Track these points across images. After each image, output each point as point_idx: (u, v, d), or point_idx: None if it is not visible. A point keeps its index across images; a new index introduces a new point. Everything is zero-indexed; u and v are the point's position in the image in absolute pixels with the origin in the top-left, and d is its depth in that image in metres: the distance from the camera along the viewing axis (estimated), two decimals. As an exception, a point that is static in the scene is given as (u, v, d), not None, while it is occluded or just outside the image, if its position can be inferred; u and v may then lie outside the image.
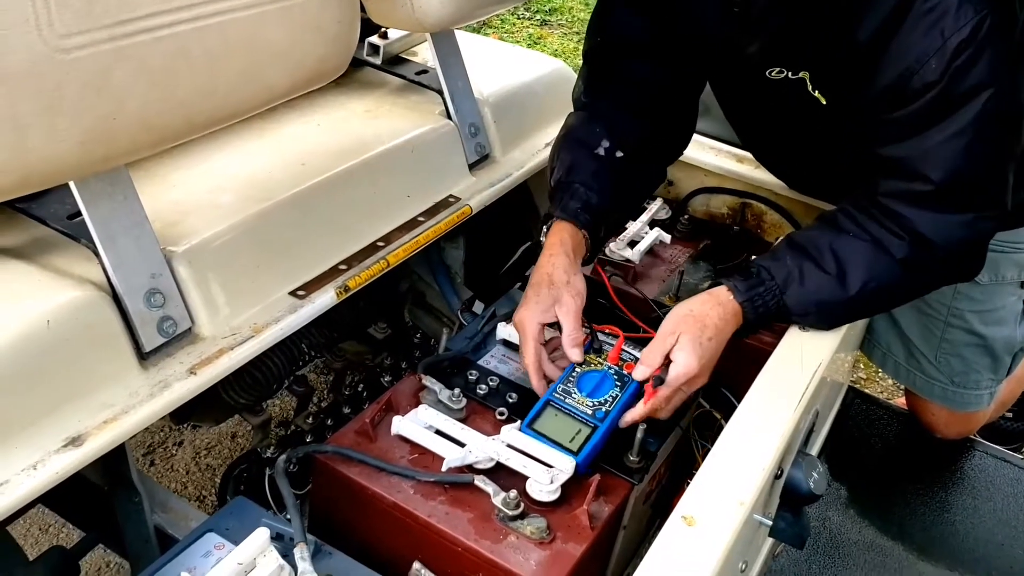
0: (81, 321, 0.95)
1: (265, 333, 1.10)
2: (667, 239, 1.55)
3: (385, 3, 1.30)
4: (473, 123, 1.50)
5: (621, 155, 1.29)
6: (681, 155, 1.48)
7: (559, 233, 1.23)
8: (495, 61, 1.71)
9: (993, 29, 1.02)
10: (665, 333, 1.11)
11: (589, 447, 1.06)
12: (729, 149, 1.67)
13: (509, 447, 1.06)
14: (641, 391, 1.12)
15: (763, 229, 1.65)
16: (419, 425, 1.08)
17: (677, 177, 1.71)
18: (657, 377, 1.11)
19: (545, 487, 1.01)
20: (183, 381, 1.01)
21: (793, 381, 1.10)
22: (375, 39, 1.60)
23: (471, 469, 1.04)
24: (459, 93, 1.49)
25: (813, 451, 1.23)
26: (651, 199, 1.66)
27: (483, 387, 1.18)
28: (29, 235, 1.07)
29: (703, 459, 0.99)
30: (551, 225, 1.25)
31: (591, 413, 1.10)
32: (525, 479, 1.03)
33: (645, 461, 1.10)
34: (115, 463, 1.07)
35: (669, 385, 1.09)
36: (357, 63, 1.61)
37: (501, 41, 2.14)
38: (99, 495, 1.15)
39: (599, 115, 1.33)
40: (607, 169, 1.28)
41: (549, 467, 1.03)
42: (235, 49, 0.96)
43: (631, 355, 1.19)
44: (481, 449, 1.05)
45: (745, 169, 1.63)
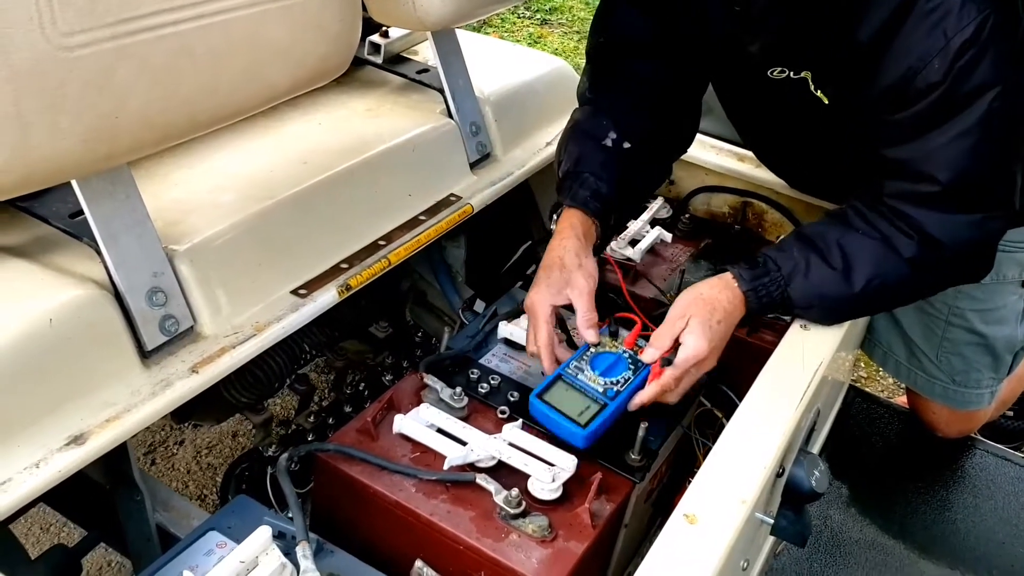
0: (83, 320, 0.95)
1: (267, 332, 1.10)
2: (668, 238, 1.55)
3: (386, 2, 1.30)
4: (474, 122, 1.50)
5: (628, 146, 1.30)
6: (685, 152, 1.48)
7: (569, 219, 1.23)
8: (496, 60, 1.71)
9: (996, 28, 1.01)
10: (675, 316, 1.11)
11: (597, 422, 1.06)
12: (730, 148, 1.67)
13: (511, 445, 1.06)
14: (645, 374, 1.11)
15: (764, 228, 1.65)
16: (421, 424, 1.09)
17: (678, 176, 1.71)
18: (666, 359, 1.10)
19: (547, 485, 1.01)
20: (185, 380, 1.01)
21: (794, 380, 1.11)
22: (376, 38, 1.60)
23: (473, 468, 1.04)
24: (460, 92, 1.49)
25: (814, 450, 1.23)
26: (652, 198, 1.66)
27: (484, 386, 1.18)
28: (31, 234, 1.07)
29: (704, 457, 0.99)
30: (561, 212, 1.25)
31: (602, 391, 1.09)
32: (527, 477, 1.03)
33: (646, 459, 1.10)
34: (117, 462, 1.07)
35: (678, 366, 1.09)
36: (358, 62, 1.61)
37: (502, 40, 2.13)
38: (101, 494, 1.15)
39: (605, 108, 1.33)
40: (615, 159, 1.28)
41: (551, 465, 1.03)
42: (237, 48, 0.96)
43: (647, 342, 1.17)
44: (483, 448, 1.05)
45: (746, 168, 1.63)
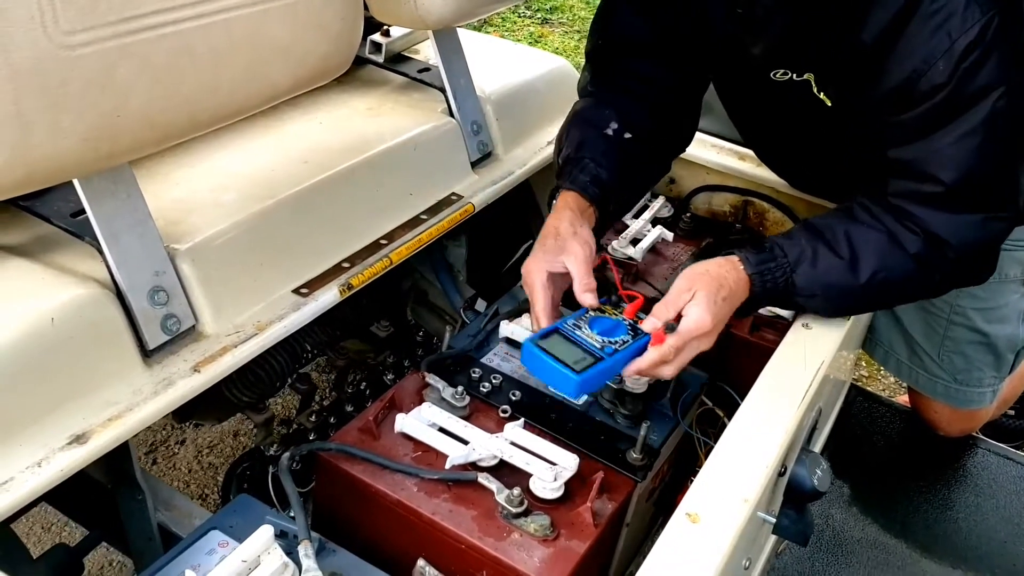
0: (85, 319, 0.95)
1: (268, 331, 1.10)
2: (669, 237, 1.55)
3: (388, 1, 1.30)
4: (475, 121, 1.50)
5: (629, 136, 1.29)
6: (683, 151, 1.48)
7: (565, 198, 1.22)
8: (497, 59, 1.70)
9: (1001, 29, 1.01)
10: (681, 289, 1.09)
11: (592, 372, 1.03)
12: (731, 147, 1.67)
13: (512, 445, 1.06)
14: (646, 346, 1.08)
15: (765, 227, 1.65)
16: (422, 423, 1.09)
17: (679, 175, 1.71)
18: (670, 325, 1.07)
19: (548, 484, 1.01)
20: (187, 379, 1.01)
21: (796, 379, 1.11)
22: (377, 37, 1.60)
23: (474, 467, 1.04)
24: (461, 91, 1.49)
25: (816, 448, 1.23)
26: (653, 197, 1.66)
27: (486, 385, 1.18)
28: (33, 233, 1.07)
29: (706, 456, 0.99)
30: (557, 194, 1.24)
31: (599, 347, 1.06)
32: (528, 476, 1.03)
33: (648, 458, 1.10)
34: (119, 461, 1.07)
35: (681, 335, 1.06)
36: (359, 61, 1.61)
37: (503, 39, 2.13)
38: (103, 493, 1.15)
39: (607, 100, 1.33)
40: (616, 148, 1.28)
41: (552, 464, 1.03)
42: (239, 46, 0.96)
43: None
44: (484, 447, 1.05)
45: (747, 167, 1.63)
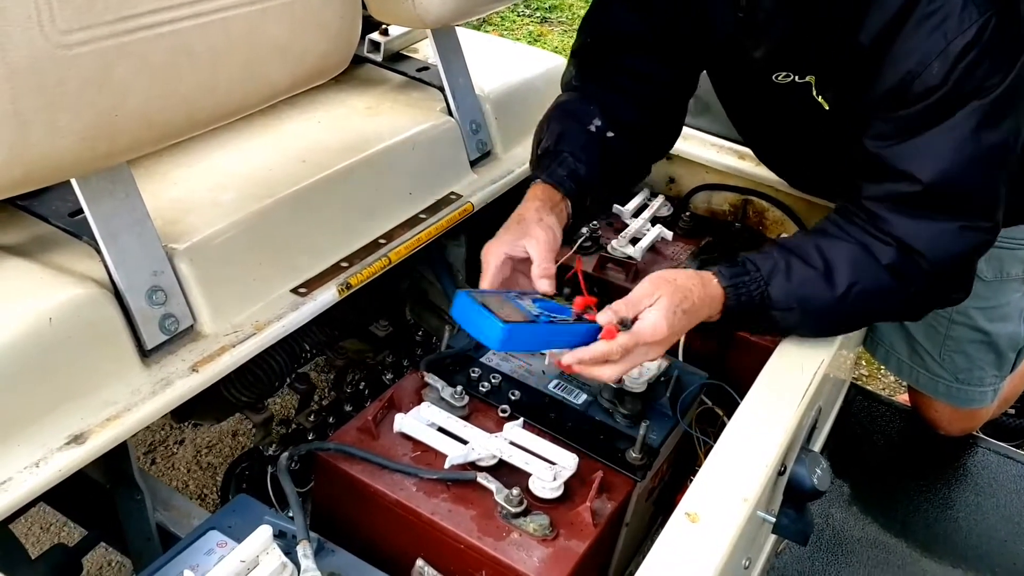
0: (83, 319, 0.95)
1: (267, 331, 1.10)
2: (669, 236, 1.54)
3: (386, 0, 1.30)
4: (474, 120, 1.50)
5: (612, 135, 1.28)
6: (665, 155, 1.46)
7: (535, 190, 1.20)
8: (496, 58, 1.70)
9: (997, 31, 0.99)
10: (645, 291, 1.05)
11: (521, 327, 0.99)
12: (730, 146, 1.67)
13: (512, 444, 1.06)
14: (593, 338, 1.03)
15: (765, 226, 1.65)
16: (421, 422, 1.08)
17: (679, 174, 1.70)
18: (623, 321, 1.03)
19: (548, 484, 1.01)
20: (185, 379, 1.01)
21: (796, 378, 1.10)
22: (376, 36, 1.60)
23: (473, 466, 1.04)
24: (460, 90, 1.49)
25: (816, 448, 1.23)
26: (652, 196, 1.66)
27: (485, 384, 1.18)
28: (31, 233, 1.07)
29: (706, 456, 0.99)
30: (530, 187, 1.22)
31: (535, 314, 1.03)
32: (528, 476, 1.03)
33: (648, 458, 1.09)
34: (117, 461, 1.07)
35: (633, 335, 1.01)
36: (358, 60, 1.60)
37: (501, 38, 2.13)
38: (101, 493, 1.15)
39: (592, 95, 1.31)
40: (597, 145, 1.26)
41: (552, 464, 1.03)
42: (237, 45, 0.96)
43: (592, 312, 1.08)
44: (483, 446, 1.05)
45: (747, 166, 1.63)
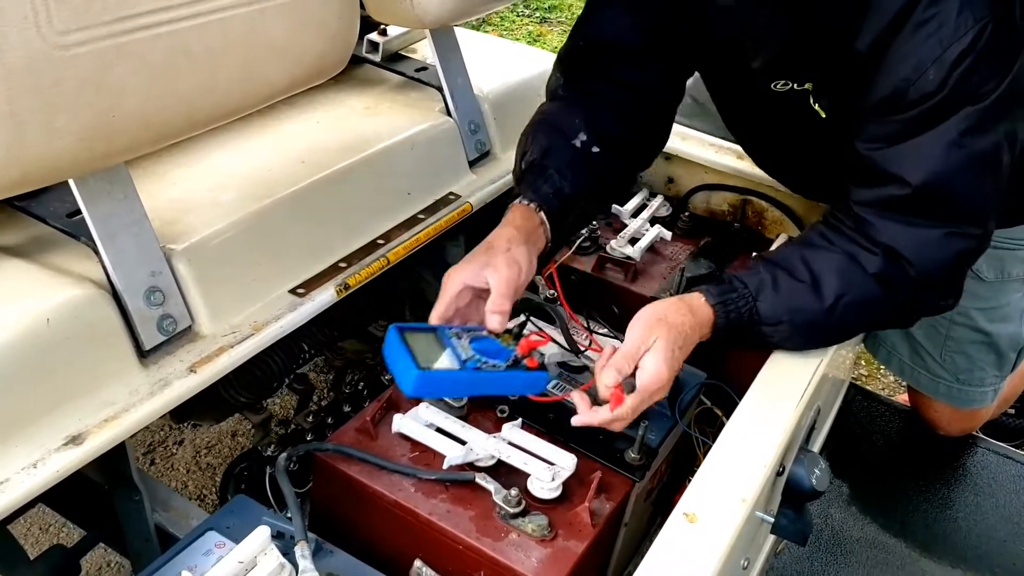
0: (81, 319, 0.95)
1: (265, 331, 1.10)
2: (668, 236, 1.54)
3: (385, 0, 1.30)
4: (473, 120, 1.50)
5: (597, 150, 1.26)
6: (650, 165, 1.45)
7: (514, 214, 1.18)
8: (495, 58, 1.70)
9: (993, 39, 0.99)
10: (640, 339, 1.04)
11: (438, 374, 0.98)
12: (729, 146, 1.66)
13: (510, 445, 1.06)
14: (535, 387, 1.05)
15: (764, 226, 1.65)
16: (420, 423, 1.08)
17: (677, 174, 1.70)
18: (629, 383, 1.03)
19: (546, 484, 1.01)
20: (183, 379, 1.01)
21: (795, 378, 1.10)
22: (374, 36, 1.60)
23: (472, 467, 1.04)
24: (459, 90, 1.49)
25: (815, 448, 1.23)
26: (651, 196, 1.66)
27: (484, 385, 1.18)
28: (29, 233, 1.07)
29: (704, 456, 0.99)
30: (511, 204, 1.20)
31: (464, 359, 1.01)
32: (526, 477, 1.03)
33: (646, 458, 1.09)
34: (115, 461, 1.07)
35: (640, 395, 1.02)
36: (356, 60, 1.60)
37: (501, 38, 2.13)
38: (100, 494, 1.14)
39: (577, 107, 1.29)
40: (582, 161, 1.25)
41: (550, 464, 1.03)
42: (234, 45, 0.96)
43: (541, 356, 1.08)
44: (482, 447, 1.05)
45: (746, 166, 1.63)
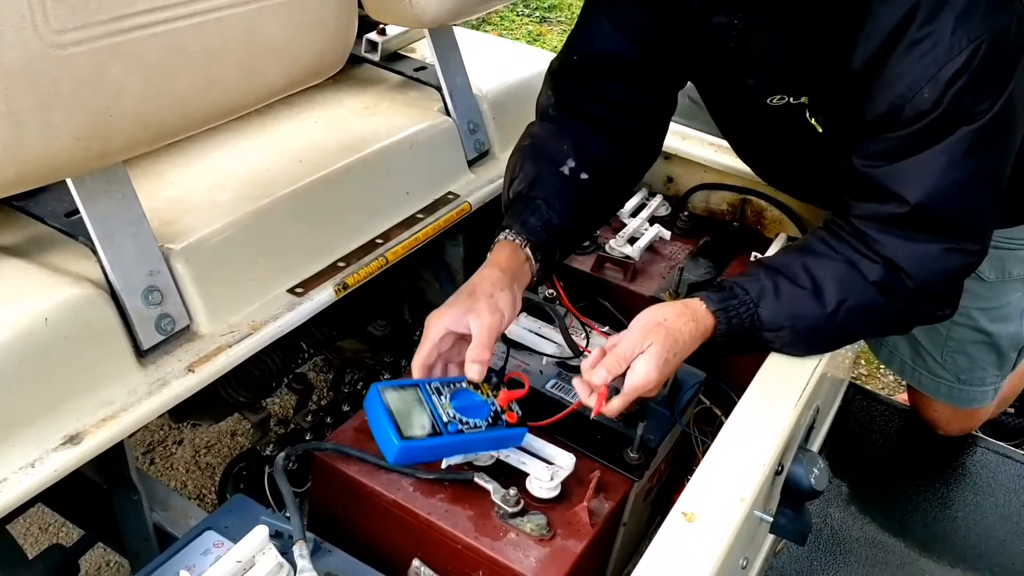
0: (79, 319, 0.94)
1: (263, 331, 1.10)
2: (667, 235, 1.54)
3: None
4: (472, 120, 1.50)
5: (586, 177, 1.23)
6: (641, 180, 1.43)
7: (499, 253, 1.15)
8: (494, 57, 1.70)
9: (987, 58, 0.99)
10: (636, 341, 1.04)
11: (420, 443, 0.97)
12: (728, 145, 1.66)
13: (509, 444, 1.06)
14: (513, 441, 1.05)
15: (763, 225, 1.65)
16: (419, 422, 1.08)
17: (677, 173, 1.70)
18: (614, 387, 1.04)
19: (545, 484, 1.01)
20: (181, 379, 1.01)
21: (794, 377, 1.10)
22: (373, 35, 1.60)
23: (471, 466, 1.04)
24: (458, 90, 1.49)
25: (814, 447, 1.23)
26: (650, 195, 1.66)
27: (483, 384, 1.18)
28: (26, 233, 1.07)
29: (703, 455, 0.99)
30: (494, 244, 1.17)
31: (445, 421, 1.00)
32: (525, 476, 1.03)
33: (645, 457, 1.09)
34: (114, 461, 1.06)
35: (625, 395, 1.03)
36: (355, 60, 1.60)
37: (500, 38, 2.13)
38: (98, 493, 1.14)
39: (567, 131, 1.25)
40: (571, 190, 1.22)
41: (549, 464, 1.03)
42: (232, 45, 0.95)
43: (519, 412, 1.07)
44: (481, 446, 1.05)
45: (744, 165, 1.63)
